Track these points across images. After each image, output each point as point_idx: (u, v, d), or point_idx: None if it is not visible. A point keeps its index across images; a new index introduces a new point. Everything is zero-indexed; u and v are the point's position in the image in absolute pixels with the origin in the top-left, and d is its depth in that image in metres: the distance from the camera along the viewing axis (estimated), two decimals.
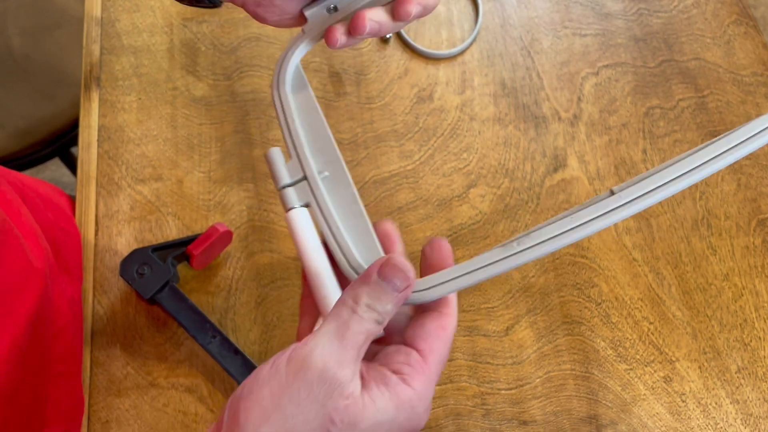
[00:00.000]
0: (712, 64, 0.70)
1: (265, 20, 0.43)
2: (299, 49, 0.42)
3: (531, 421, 0.55)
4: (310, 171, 0.39)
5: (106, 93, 0.67)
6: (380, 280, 0.33)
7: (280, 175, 0.40)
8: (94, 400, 0.54)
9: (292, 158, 0.40)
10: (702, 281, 0.60)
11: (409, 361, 0.33)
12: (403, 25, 0.41)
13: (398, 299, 0.33)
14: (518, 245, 0.34)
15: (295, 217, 0.39)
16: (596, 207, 0.34)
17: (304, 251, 0.38)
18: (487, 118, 0.67)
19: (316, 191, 0.39)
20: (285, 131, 0.41)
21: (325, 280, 0.38)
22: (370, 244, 0.38)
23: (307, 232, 0.38)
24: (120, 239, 0.60)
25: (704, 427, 0.55)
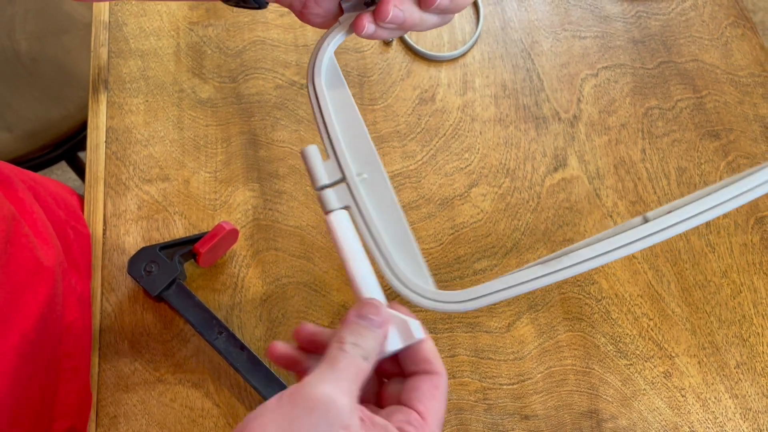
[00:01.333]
0: (710, 66, 0.71)
1: (310, 21, 0.43)
2: (334, 39, 0.41)
3: (532, 416, 0.56)
4: (350, 173, 0.38)
5: (114, 95, 0.68)
6: (358, 319, 0.35)
7: (318, 175, 0.38)
8: (102, 395, 0.55)
9: (330, 158, 0.39)
10: (701, 278, 0.61)
11: (410, 420, 0.34)
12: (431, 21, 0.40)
13: (378, 335, 0.35)
14: (558, 264, 0.37)
15: (336, 221, 0.38)
16: (632, 233, 0.37)
17: (347, 256, 0.37)
18: (488, 119, 0.68)
19: (357, 195, 0.38)
20: (321, 128, 0.39)
21: (370, 285, 0.37)
22: (410, 251, 0.38)
23: (349, 237, 0.37)
24: (128, 238, 0.61)
25: (704, 421, 0.56)
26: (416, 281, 0.38)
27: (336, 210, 0.38)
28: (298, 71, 0.70)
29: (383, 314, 0.36)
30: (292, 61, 0.70)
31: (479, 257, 0.61)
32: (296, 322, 0.58)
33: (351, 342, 0.34)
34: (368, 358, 0.34)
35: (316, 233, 0.62)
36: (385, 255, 0.37)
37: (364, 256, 0.37)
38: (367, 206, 0.38)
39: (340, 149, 0.39)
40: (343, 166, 0.38)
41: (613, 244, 0.36)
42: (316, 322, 0.58)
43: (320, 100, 0.40)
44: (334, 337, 0.35)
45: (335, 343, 0.34)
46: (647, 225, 0.37)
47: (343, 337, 0.35)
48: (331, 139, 0.39)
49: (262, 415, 0.31)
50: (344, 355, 0.34)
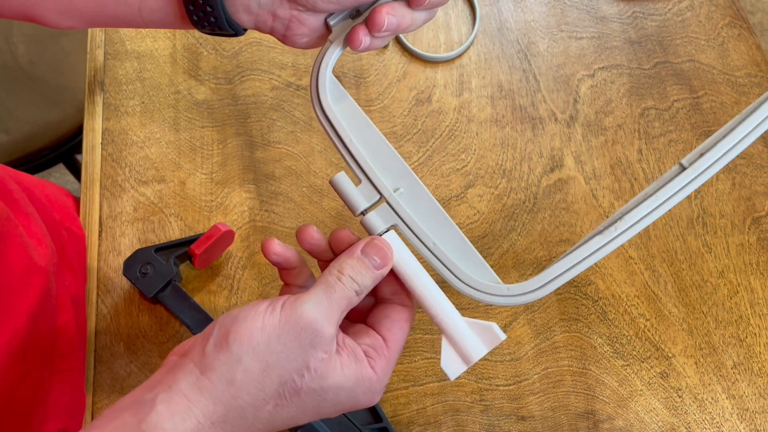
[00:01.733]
0: (707, 66, 0.71)
1: (295, 43, 0.42)
2: (332, 57, 0.40)
3: (529, 417, 0.55)
4: (387, 191, 0.37)
5: (110, 97, 0.68)
6: (362, 256, 0.36)
7: (356, 201, 0.37)
8: (97, 397, 0.55)
9: (362, 181, 0.38)
10: (697, 278, 0.61)
11: (375, 345, 0.36)
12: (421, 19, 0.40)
13: (376, 276, 0.36)
14: (615, 230, 0.37)
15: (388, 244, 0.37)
16: (673, 183, 0.37)
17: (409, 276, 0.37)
18: (484, 120, 0.68)
19: (400, 211, 0.37)
20: (345, 154, 0.38)
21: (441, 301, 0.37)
22: (468, 253, 0.37)
23: (406, 257, 0.37)
24: (123, 240, 0.61)
25: (700, 422, 0.55)
26: (484, 281, 0.38)
27: (384, 232, 0.37)
28: (294, 72, 0.70)
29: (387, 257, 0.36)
30: (288, 62, 0.70)
31: None
32: None
33: (350, 275, 0.35)
34: (360, 293, 0.36)
35: None
36: (447, 264, 0.37)
37: (426, 273, 0.37)
38: (414, 219, 0.37)
39: (370, 171, 0.37)
40: (378, 186, 0.37)
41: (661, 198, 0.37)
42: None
43: (336, 127, 0.38)
44: (335, 263, 0.36)
45: (335, 271, 0.36)
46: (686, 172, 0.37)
47: (343, 268, 0.36)
48: (358, 162, 0.38)
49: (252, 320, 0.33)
50: (341, 287, 0.35)
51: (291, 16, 0.39)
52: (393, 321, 0.38)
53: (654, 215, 0.37)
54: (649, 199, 0.37)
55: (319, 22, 0.41)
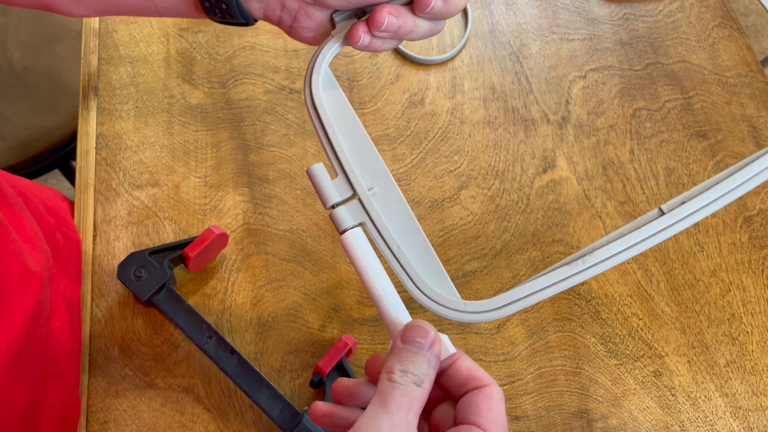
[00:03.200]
0: (697, 66, 0.72)
1: (301, 36, 0.42)
2: (330, 51, 0.40)
3: (523, 416, 0.56)
4: (361, 188, 0.37)
5: (104, 102, 0.68)
6: (405, 344, 0.34)
7: (329, 194, 0.37)
8: (92, 401, 0.55)
9: (338, 175, 0.38)
10: (690, 277, 0.61)
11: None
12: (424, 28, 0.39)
13: (429, 357, 0.33)
14: (584, 263, 0.37)
15: (352, 239, 0.36)
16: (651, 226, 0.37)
17: (366, 275, 0.36)
18: (477, 122, 0.68)
19: (370, 210, 0.37)
20: (326, 145, 0.38)
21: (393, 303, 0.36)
22: (432, 263, 0.37)
23: (368, 255, 0.36)
24: (118, 244, 0.62)
25: (694, 420, 0.56)
26: (441, 293, 0.37)
27: (351, 228, 0.37)
28: (288, 76, 0.70)
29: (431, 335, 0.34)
30: (282, 66, 0.71)
31: (469, 259, 0.62)
32: (286, 326, 0.58)
33: (400, 370, 0.33)
34: (421, 383, 0.33)
35: (306, 237, 0.62)
36: (407, 269, 0.36)
37: (384, 274, 0.36)
38: (383, 220, 0.37)
39: (348, 166, 0.37)
40: (354, 182, 0.37)
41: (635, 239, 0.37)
42: (305, 326, 0.58)
43: (321, 117, 0.38)
44: (383, 368, 0.34)
45: (384, 374, 0.33)
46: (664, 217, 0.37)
47: (391, 367, 0.33)
48: (338, 155, 0.38)
49: None
50: (394, 387, 0.32)
51: (299, 7, 0.39)
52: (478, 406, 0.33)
53: (624, 255, 0.37)
54: (623, 238, 0.37)
55: (325, 17, 0.41)
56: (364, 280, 0.36)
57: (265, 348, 0.58)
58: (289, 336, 0.58)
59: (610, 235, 0.38)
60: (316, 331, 0.58)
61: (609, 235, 0.38)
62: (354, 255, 0.36)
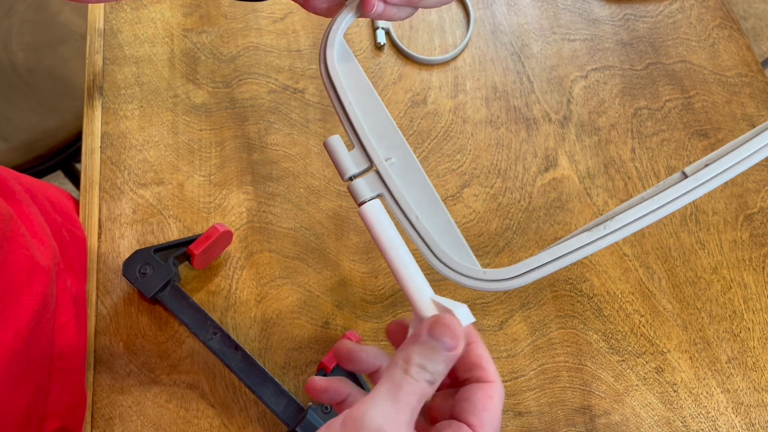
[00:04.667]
0: (698, 66, 0.72)
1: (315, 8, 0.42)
2: (344, 20, 0.39)
3: (526, 412, 0.56)
4: (378, 159, 0.36)
5: (109, 101, 0.69)
6: (431, 339, 0.32)
7: (345, 165, 0.37)
8: (97, 397, 0.56)
9: (355, 146, 0.37)
10: (691, 275, 0.61)
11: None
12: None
13: (449, 359, 0.32)
14: (605, 229, 0.35)
15: (370, 211, 0.36)
16: (672, 190, 0.36)
17: (386, 247, 0.35)
18: (479, 121, 0.69)
19: (388, 181, 0.36)
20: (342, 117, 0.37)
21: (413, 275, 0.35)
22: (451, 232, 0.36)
23: (387, 226, 0.35)
24: (122, 242, 0.62)
25: (696, 416, 0.56)
26: (460, 261, 0.36)
27: (369, 200, 0.36)
28: (291, 76, 0.71)
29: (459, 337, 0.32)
30: (285, 66, 0.71)
31: None
32: (290, 323, 0.59)
33: (418, 364, 0.31)
34: (434, 382, 0.32)
35: (310, 235, 0.62)
36: (426, 239, 0.35)
37: (404, 246, 0.35)
38: (401, 191, 0.36)
39: (364, 136, 0.37)
40: (370, 153, 0.36)
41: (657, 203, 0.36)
42: (309, 322, 0.59)
43: (337, 88, 0.38)
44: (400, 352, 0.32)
45: (401, 363, 0.32)
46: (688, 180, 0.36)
47: (410, 357, 0.32)
48: (354, 126, 0.37)
49: None
50: (408, 381, 0.31)
51: None
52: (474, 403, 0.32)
53: (647, 219, 0.36)
54: (645, 203, 0.36)
55: None
56: (383, 251, 0.35)
57: (270, 344, 0.58)
58: (293, 333, 0.58)
59: (632, 200, 0.36)
60: (319, 328, 0.59)
61: (630, 200, 0.37)
62: (373, 227, 0.35)
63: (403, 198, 0.36)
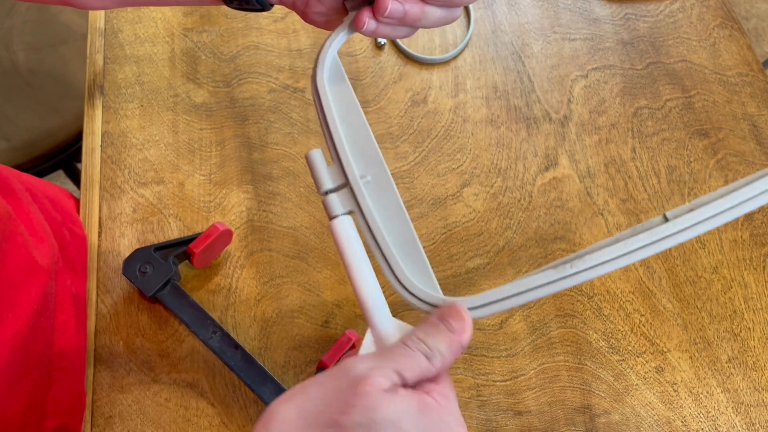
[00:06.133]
0: (698, 66, 0.72)
1: (314, 21, 0.42)
2: (336, 39, 0.40)
3: (526, 412, 0.56)
4: (353, 177, 0.37)
5: (110, 100, 0.69)
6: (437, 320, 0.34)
7: (322, 180, 0.38)
8: (97, 395, 0.56)
9: (334, 162, 0.38)
10: (691, 274, 0.61)
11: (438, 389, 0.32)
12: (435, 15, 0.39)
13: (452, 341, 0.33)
14: (571, 268, 0.34)
15: (339, 227, 0.36)
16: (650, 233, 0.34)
17: (349, 263, 0.36)
18: (479, 120, 0.69)
19: (360, 199, 0.37)
20: (325, 133, 0.38)
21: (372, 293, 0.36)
22: (417, 257, 0.37)
23: (353, 243, 0.36)
24: (123, 240, 0.62)
25: (696, 415, 0.56)
26: (422, 288, 0.37)
27: (340, 216, 0.37)
28: (292, 75, 0.71)
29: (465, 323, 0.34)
30: (286, 65, 0.71)
31: (472, 255, 0.62)
32: (290, 322, 0.59)
33: (418, 337, 0.32)
34: (432, 357, 0.32)
35: (310, 234, 0.62)
36: (390, 261, 0.36)
37: (367, 264, 0.36)
38: (371, 210, 0.37)
39: (343, 153, 0.37)
40: (347, 170, 0.37)
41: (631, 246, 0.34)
42: (309, 322, 0.59)
43: (323, 104, 0.39)
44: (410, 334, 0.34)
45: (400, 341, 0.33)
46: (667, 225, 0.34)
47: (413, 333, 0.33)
48: (334, 142, 0.38)
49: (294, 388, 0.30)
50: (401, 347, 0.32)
51: None
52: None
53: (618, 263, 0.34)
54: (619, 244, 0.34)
55: (337, 2, 0.41)
56: (346, 266, 0.36)
57: (269, 343, 0.58)
58: (292, 332, 0.58)
59: (607, 239, 0.35)
60: (319, 327, 0.59)
61: (606, 239, 0.35)
62: (339, 242, 0.36)
63: (372, 217, 0.37)
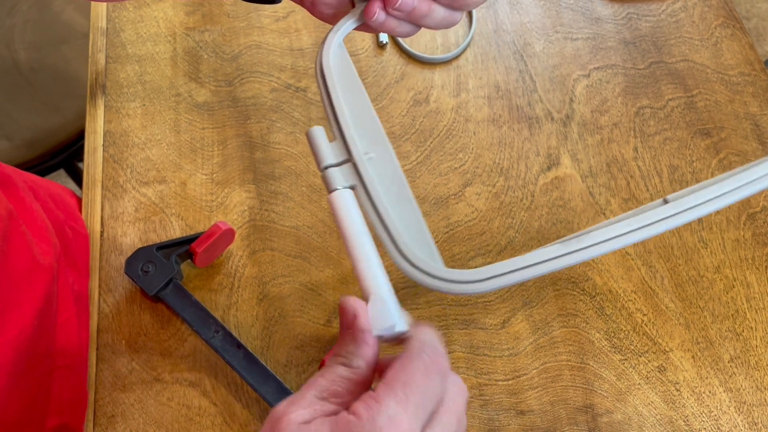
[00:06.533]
0: (701, 65, 0.72)
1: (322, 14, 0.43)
2: (345, 25, 0.41)
3: (528, 411, 0.56)
4: (356, 151, 0.36)
5: (111, 100, 0.69)
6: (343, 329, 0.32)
7: (323, 154, 0.37)
8: (100, 395, 0.56)
9: (336, 138, 0.37)
10: (694, 273, 0.61)
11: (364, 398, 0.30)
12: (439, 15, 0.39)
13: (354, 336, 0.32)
14: (578, 243, 0.34)
15: (338, 198, 0.35)
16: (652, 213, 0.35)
17: (349, 236, 0.34)
18: (481, 120, 0.69)
19: (363, 172, 0.36)
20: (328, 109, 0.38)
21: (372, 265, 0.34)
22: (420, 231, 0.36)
23: (353, 214, 0.35)
24: (125, 240, 0.62)
25: (698, 415, 0.56)
26: (424, 258, 0.35)
27: (340, 189, 0.36)
28: (294, 75, 0.71)
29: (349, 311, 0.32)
30: (288, 64, 0.71)
31: (474, 255, 0.62)
32: (292, 321, 0.59)
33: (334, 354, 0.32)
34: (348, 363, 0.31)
35: (312, 233, 0.62)
36: (392, 234, 0.35)
37: (368, 238, 0.35)
38: (375, 184, 0.36)
39: (346, 128, 0.37)
40: (350, 145, 0.36)
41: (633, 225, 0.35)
42: (311, 321, 0.59)
43: (327, 80, 0.38)
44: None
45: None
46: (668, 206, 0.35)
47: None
48: (337, 117, 0.37)
49: None
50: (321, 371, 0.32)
51: None
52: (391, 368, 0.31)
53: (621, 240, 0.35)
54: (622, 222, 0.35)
55: None
56: (345, 240, 0.34)
57: (272, 343, 0.58)
58: (295, 331, 0.58)
59: (611, 219, 0.36)
60: (322, 327, 0.59)
61: (610, 219, 0.36)
62: (339, 214, 0.35)
63: (375, 190, 0.36)
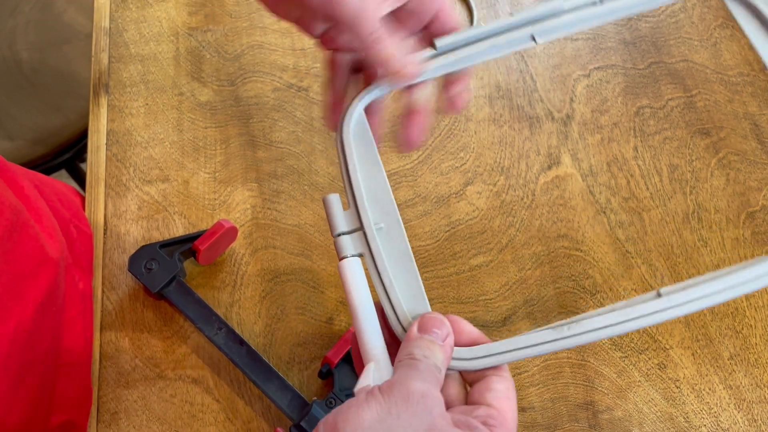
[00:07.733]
0: (700, 65, 0.73)
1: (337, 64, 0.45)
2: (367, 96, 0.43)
3: (529, 408, 0.56)
4: (368, 222, 0.39)
5: (115, 99, 0.69)
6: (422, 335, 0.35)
7: (337, 223, 0.40)
8: (103, 391, 0.56)
9: (350, 208, 0.40)
10: (693, 272, 0.62)
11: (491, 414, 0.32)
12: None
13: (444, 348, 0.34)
14: (569, 330, 0.36)
15: (348, 267, 0.38)
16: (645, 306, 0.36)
17: (354, 302, 0.38)
18: (482, 119, 0.69)
19: (372, 244, 0.39)
20: (345, 181, 0.41)
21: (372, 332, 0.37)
22: (419, 301, 0.38)
23: (359, 283, 0.38)
24: (128, 238, 0.62)
25: (698, 411, 0.56)
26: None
27: (350, 257, 0.39)
28: (296, 74, 0.71)
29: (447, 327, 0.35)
30: (290, 64, 0.72)
31: (475, 253, 0.62)
32: (294, 319, 0.59)
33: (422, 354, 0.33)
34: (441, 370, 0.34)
35: (314, 231, 0.63)
36: (394, 304, 0.38)
37: (371, 304, 0.38)
38: (381, 255, 0.39)
39: (361, 201, 0.40)
40: (362, 217, 0.39)
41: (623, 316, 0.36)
42: (314, 318, 0.59)
43: (347, 154, 0.41)
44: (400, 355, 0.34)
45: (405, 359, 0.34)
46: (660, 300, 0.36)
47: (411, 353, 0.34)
48: (353, 191, 0.40)
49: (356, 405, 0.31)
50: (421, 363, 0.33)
51: None
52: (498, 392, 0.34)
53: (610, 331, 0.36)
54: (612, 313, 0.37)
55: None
56: (351, 306, 0.38)
57: (274, 340, 0.58)
58: (297, 328, 0.59)
59: (603, 308, 0.38)
60: (324, 324, 0.59)
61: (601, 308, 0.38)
62: (347, 282, 0.38)
63: (381, 262, 0.38)
